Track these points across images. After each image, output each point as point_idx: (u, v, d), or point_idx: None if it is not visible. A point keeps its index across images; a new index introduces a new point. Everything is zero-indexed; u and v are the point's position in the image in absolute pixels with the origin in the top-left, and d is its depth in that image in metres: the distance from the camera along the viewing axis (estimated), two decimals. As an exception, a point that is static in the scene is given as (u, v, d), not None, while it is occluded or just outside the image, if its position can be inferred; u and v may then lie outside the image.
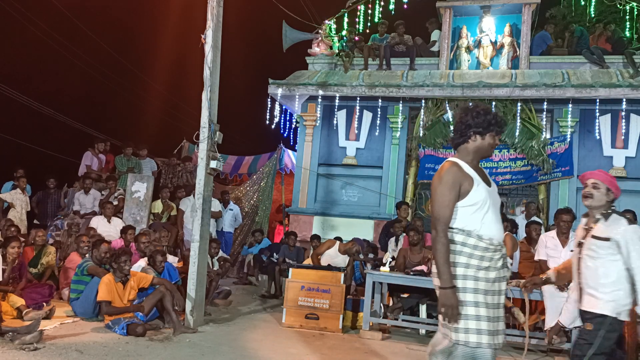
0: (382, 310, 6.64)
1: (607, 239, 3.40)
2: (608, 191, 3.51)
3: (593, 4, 11.54)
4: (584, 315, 3.49)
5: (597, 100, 9.25)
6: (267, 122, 11.02)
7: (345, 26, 11.35)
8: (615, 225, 3.43)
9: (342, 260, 7.61)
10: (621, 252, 3.39)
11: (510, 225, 7.60)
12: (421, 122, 10.28)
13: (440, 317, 2.88)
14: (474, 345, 2.82)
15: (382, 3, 11.03)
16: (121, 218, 9.03)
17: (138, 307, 5.80)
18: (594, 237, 3.45)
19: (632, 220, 6.03)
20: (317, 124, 11.05)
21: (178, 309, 6.02)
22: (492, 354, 2.85)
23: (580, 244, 3.55)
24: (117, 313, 5.63)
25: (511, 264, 6.49)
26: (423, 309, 6.75)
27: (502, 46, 10.62)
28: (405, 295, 6.94)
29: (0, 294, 5.93)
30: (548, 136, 9.85)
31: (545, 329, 5.62)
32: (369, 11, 11.21)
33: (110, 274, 5.87)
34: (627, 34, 10.62)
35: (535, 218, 8.36)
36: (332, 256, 7.63)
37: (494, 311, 2.86)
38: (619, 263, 3.38)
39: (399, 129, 10.59)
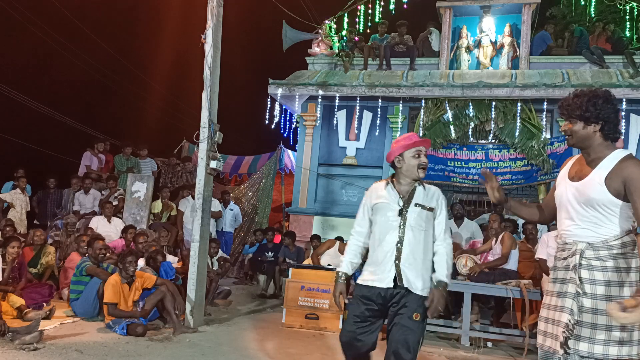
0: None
1: (431, 209, 3.19)
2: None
3: (593, 4, 11.56)
4: (406, 299, 3.05)
5: (597, 100, 9.23)
6: (267, 122, 11.04)
7: (345, 26, 11.36)
8: (432, 193, 3.25)
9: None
10: (433, 223, 3.21)
11: (512, 226, 7.60)
12: (421, 122, 10.28)
13: None
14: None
15: (382, 3, 11.04)
16: (121, 218, 9.02)
17: (143, 314, 5.76)
18: (418, 205, 3.16)
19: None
20: (317, 124, 11.06)
21: (178, 312, 6.03)
22: (542, 355, 2.67)
23: (402, 212, 3.15)
24: (122, 317, 5.61)
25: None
26: (423, 309, 6.73)
27: (502, 46, 10.63)
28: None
29: (0, 294, 5.93)
30: (548, 136, 9.86)
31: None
32: (369, 11, 11.22)
33: (117, 275, 5.86)
34: (627, 34, 10.62)
35: None
36: (332, 256, 7.63)
37: (550, 312, 2.67)
38: (430, 234, 3.20)
39: (399, 129, 10.59)
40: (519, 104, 9.74)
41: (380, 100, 10.42)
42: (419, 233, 3.11)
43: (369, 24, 11.39)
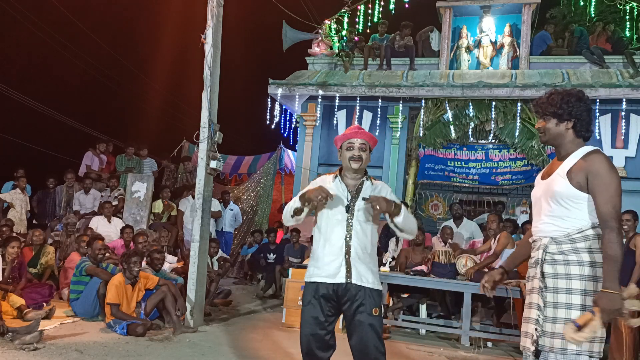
0: (382, 310, 6.62)
1: None
2: (370, 153, 3.25)
3: (593, 4, 11.54)
4: (361, 296, 3.01)
5: (597, 100, 9.24)
6: (267, 122, 11.03)
7: (345, 26, 11.36)
8: (381, 187, 3.22)
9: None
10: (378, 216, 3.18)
11: (512, 226, 7.60)
12: (421, 122, 10.29)
13: None
14: None
15: (382, 3, 11.05)
16: (121, 218, 9.02)
17: (144, 321, 5.72)
18: (366, 199, 3.11)
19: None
20: (317, 124, 11.05)
21: (179, 313, 6.02)
22: (524, 356, 2.67)
23: (349, 207, 3.11)
24: (125, 319, 5.60)
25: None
26: (423, 309, 6.75)
27: (502, 46, 10.63)
28: (405, 295, 6.94)
29: (0, 294, 5.93)
30: (548, 136, 9.84)
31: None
32: (369, 11, 11.22)
33: (121, 275, 5.86)
34: (627, 34, 10.62)
35: None
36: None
37: (525, 311, 2.66)
38: (376, 228, 3.21)
39: (399, 129, 10.59)
40: (519, 104, 9.74)
41: (380, 100, 10.42)
42: (367, 226, 3.11)
43: (369, 24, 11.40)
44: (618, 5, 10.81)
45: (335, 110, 10.86)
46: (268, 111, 10.99)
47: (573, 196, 2.53)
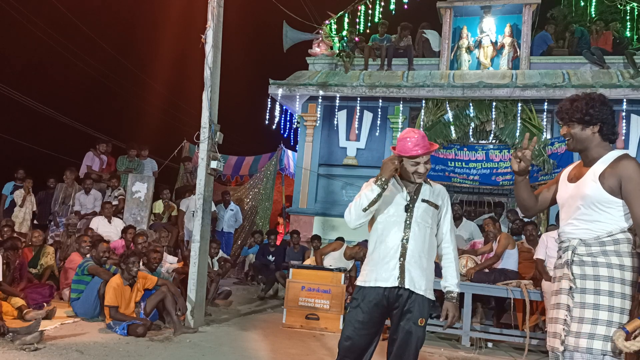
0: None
1: (437, 206, 3.10)
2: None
3: (593, 4, 11.56)
4: (411, 303, 2.93)
5: (598, 101, 9.23)
6: (268, 122, 11.04)
7: (346, 26, 11.37)
8: (439, 191, 3.16)
9: (345, 265, 7.56)
10: (438, 222, 3.14)
11: (521, 223, 7.63)
12: (421, 123, 10.29)
13: None
14: None
15: (382, 3, 11.05)
16: (121, 218, 9.02)
17: (144, 321, 5.71)
18: (425, 201, 3.06)
19: None
20: (318, 124, 11.06)
21: (180, 313, 6.02)
22: (551, 357, 2.64)
23: (408, 208, 3.05)
24: (124, 320, 5.59)
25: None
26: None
27: (503, 46, 10.63)
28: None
29: (0, 294, 5.92)
30: (549, 136, 9.86)
31: (545, 329, 5.61)
32: (369, 11, 11.23)
33: (119, 276, 5.84)
34: (628, 34, 10.62)
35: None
36: (337, 259, 7.52)
37: (552, 312, 2.66)
38: (434, 232, 3.12)
39: (400, 130, 10.58)
40: (519, 105, 9.74)
41: (380, 101, 10.42)
42: (425, 230, 3.01)
43: (369, 24, 11.41)
44: (618, 6, 10.82)
45: (336, 110, 10.86)
46: (268, 111, 11.01)
47: (605, 200, 2.55)
